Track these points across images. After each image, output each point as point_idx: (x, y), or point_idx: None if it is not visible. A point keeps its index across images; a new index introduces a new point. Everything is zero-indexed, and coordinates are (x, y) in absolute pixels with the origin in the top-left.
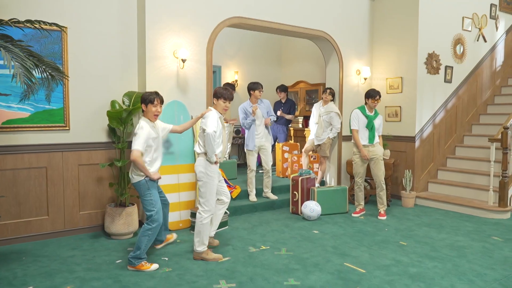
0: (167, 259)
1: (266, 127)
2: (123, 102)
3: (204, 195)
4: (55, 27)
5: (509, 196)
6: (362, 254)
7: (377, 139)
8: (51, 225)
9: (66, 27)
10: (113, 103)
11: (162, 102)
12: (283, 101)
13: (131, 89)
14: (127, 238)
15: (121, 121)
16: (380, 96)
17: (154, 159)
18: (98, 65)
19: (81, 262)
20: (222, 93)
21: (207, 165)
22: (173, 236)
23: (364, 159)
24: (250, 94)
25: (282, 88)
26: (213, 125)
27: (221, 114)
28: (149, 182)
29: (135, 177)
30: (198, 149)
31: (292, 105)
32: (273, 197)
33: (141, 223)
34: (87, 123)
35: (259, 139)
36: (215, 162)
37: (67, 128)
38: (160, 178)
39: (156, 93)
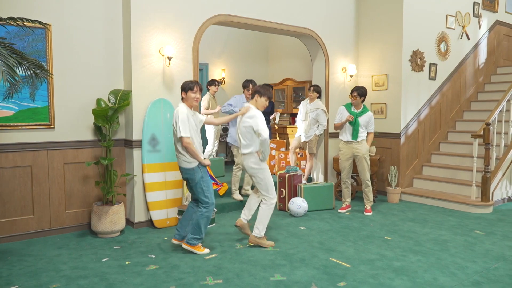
0: (154, 256)
1: None
2: (109, 100)
3: (265, 186)
4: (38, 25)
5: (491, 191)
6: (348, 249)
7: (362, 137)
8: (36, 224)
9: (50, 25)
10: (98, 101)
11: (201, 89)
12: None
13: (117, 87)
14: (114, 237)
15: (107, 119)
16: (359, 94)
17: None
18: (83, 63)
19: (67, 261)
20: (265, 92)
21: (256, 160)
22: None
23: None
24: (244, 91)
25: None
26: (265, 128)
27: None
28: (201, 168)
29: (188, 164)
30: (245, 149)
31: (273, 104)
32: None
33: (128, 221)
34: (72, 122)
35: None
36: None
37: (52, 126)
38: (209, 164)
39: (196, 82)
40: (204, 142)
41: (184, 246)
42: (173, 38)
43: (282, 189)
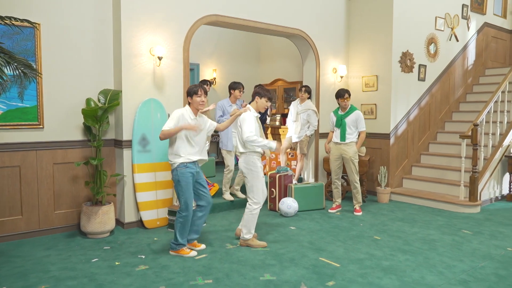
0: (143, 257)
1: None
2: (99, 100)
3: (251, 189)
4: (27, 24)
5: (479, 191)
6: (337, 249)
7: (351, 138)
8: (25, 225)
9: (39, 24)
10: (88, 101)
11: (206, 93)
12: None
13: (107, 87)
14: (103, 237)
15: (96, 119)
16: (349, 94)
17: (190, 149)
18: (73, 62)
19: (56, 262)
20: (265, 93)
21: (250, 161)
22: (201, 245)
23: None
24: (230, 93)
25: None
26: (248, 130)
27: (258, 112)
28: (181, 172)
29: (170, 164)
30: (240, 148)
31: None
32: (242, 196)
33: (118, 221)
34: (61, 121)
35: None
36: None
37: (41, 126)
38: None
39: (200, 85)
40: None
41: (170, 252)
42: (163, 38)
43: (272, 189)
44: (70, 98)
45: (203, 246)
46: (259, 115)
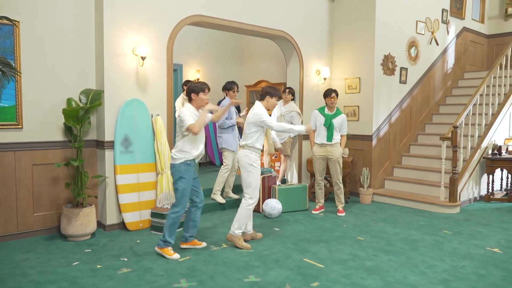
0: (126, 259)
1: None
2: (80, 100)
3: (249, 184)
4: (6, 21)
5: (458, 191)
6: (321, 249)
7: (336, 140)
8: (2, 228)
9: (18, 21)
10: (69, 100)
11: (209, 90)
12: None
13: (89, 87)
14: (84, 240)
15: (77, 120)
16: (336, 94)
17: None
18: (53, 61)
19: (35, 266)
20: (276, 93)
21: (252, 157)
22: (202, 244)
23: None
24: (226, 94)
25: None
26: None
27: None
28: (184, 168)
29: (172, 159)
30: (243, 141)
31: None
32: (234, 196)
33: (99, 224)
34: (41, 122)
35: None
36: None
37: (20, 126)
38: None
39: (206, 84)
40: None
41: (155, 248)
42: (147, 38)
43: None
44: (51, 97)
45: (204, 244)
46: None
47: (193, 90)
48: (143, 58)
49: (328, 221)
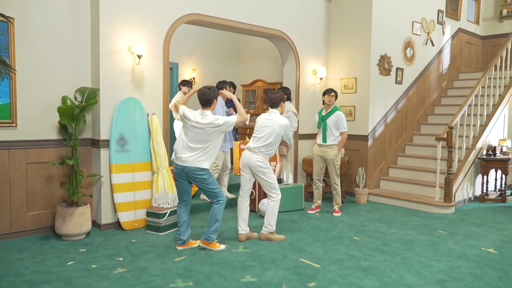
0: (121, 259)
1: None
2: (75, 98)
3: (272, 185)
4: (0, 18)
5: (453, 192)
6: (317, 249)
7: (332, 140)
8: None
9: (13, 18)
10: (64, 99)
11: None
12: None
13: (84, 85)
14: (79, 239)
15: (73, 118)
16: (335, 92)
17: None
18: (49, 59)
19: (29, 265)
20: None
21: (266, 162)
22: (196, 242)
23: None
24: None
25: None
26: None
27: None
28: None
29: (206, 164)
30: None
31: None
32: (230, 195)
33: (94, 223)
34: (36, 120)
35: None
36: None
37: (14, 124)
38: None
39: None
40: (173, 141)
41: (201, 244)
42: (143, 36)
43: (252, 190)
44: (46, 95)
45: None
46: None
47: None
48: (139, 57)
49: (324, 221)
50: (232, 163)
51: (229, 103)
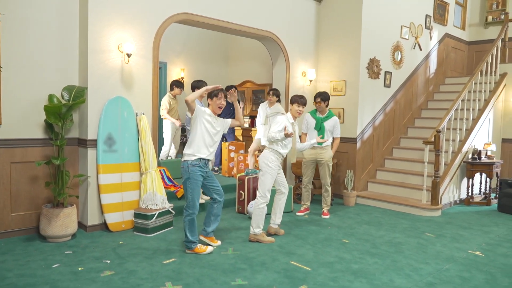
0: (109, 261)
1: None
2: (62, 97)
3: (262, 183)
4: None
5: (440, 194)
6: (307, 252)
7: (327, 143)
8: None
9: None
10: (51, 97)
11: (226, 96)
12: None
13: (71, 83)
14: (65, 241)
15: (59, 117)
16: (323, 99)
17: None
18: (35, 56)
19: (12, 268)
20: (296, 99)
21: (268, 157)
22: (217, 242)
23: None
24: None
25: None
26: (275, 128)
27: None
28: (191, 169)
29: (184, 155)
30: (265, 142)
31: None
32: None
33: (80, 224)
34: (21, 118)
35: None
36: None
37: None
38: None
39: (222, 89)
40: (161, 142)
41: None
42: (133, 35)
43: (241, 191)
44: (31, 93)
45: (219, 242)
46: (295, 122)
47: (208, 95)
48: (128, 55)
49: (313, 223)
50: (220, 164)
51: (230, 106)
